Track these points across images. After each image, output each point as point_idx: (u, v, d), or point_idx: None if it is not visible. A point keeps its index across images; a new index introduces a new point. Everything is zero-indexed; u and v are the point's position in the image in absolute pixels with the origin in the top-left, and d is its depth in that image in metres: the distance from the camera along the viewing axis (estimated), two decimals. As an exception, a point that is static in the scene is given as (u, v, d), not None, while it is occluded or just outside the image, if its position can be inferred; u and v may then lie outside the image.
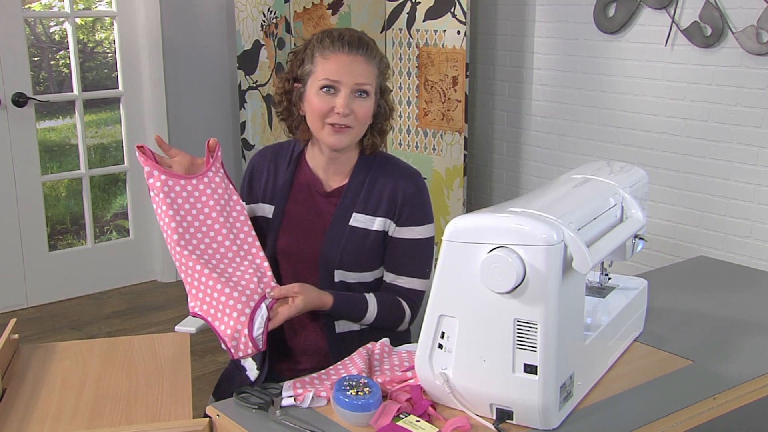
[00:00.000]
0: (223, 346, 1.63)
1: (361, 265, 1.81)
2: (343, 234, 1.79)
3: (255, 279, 1.67)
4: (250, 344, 1.60)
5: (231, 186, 1.80)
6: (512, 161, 4.06)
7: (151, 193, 1.72)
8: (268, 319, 1.63)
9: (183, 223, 1.71)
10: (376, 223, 1.80)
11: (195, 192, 1.74)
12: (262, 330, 1.61)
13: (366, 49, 1.76)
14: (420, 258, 1.83)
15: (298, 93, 1.81)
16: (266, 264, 1.73)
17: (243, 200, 1.89)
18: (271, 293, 1.67)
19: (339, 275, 1.79)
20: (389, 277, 1.84)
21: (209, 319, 1.64)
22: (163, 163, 1.75)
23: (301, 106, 1.81)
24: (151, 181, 1.71)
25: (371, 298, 1.79)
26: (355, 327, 1.82)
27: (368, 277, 1.83)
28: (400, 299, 1.82)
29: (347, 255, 1.79)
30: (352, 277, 1.81)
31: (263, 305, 1.64)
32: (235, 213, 1.78)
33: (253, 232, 1.77)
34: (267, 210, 1.87)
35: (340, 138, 1.75)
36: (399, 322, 1.82)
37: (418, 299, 1.84)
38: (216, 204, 1.75)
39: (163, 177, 1.71)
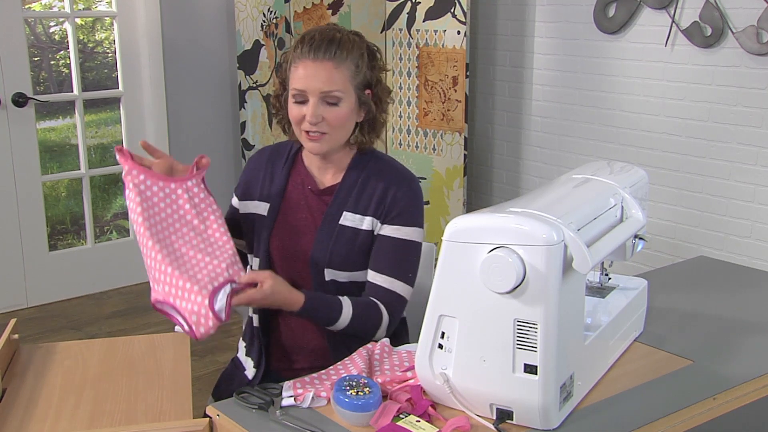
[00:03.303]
0: (185, 327, 1.59)
1: (351, 265, 1.79)
2: (333, 233, 1.78)
3: (223, 265, 1.64)
4: (211, 315, 1.55)
5: (211, 198, 1.78)
6: (512, 161, 4.06)
7: (126, 191, 1.71)
8: (231, 297, 1.60)
9: (156, 217, 1.69)
10: (365, 223, 1.78)
11: (172, 195, 1.73)
12: (225, 301, 1.57)
13: (335, 53, 1.70)
14: (404, 259, 1.78)
15: (285, 96, 1.80)
16: (238, 258, 1.70)
17: (239, 197, 1.89)
18: (241, 279, 1.63)
19: (329, 274, 1.77)
20: (370, 275, 1.78)
21: (170, 299, 1.60)
22: (142, 163, 1.74)
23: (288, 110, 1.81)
24: (128, 178, 1.71)
25: (346, 302, 1.73)
26: None
27: (360, 276, 1.80)
28: (378, 302, 1.76)
29: (337, 254, 1.77)
30: (342, 276, 1.79)
31: (228, 285, 1.61)
32: (212, 218, 1.75)
33: (229, 235, 1.74)
34: (262, 208, 1.87)
35: (316, 145, 1.74)
36: (374, 329, 1.76)
37: (398, 304, 1.78)
38: (191, 208, 1.74)
39: (141, 176, 1.70)
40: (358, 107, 1.76)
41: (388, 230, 1.78)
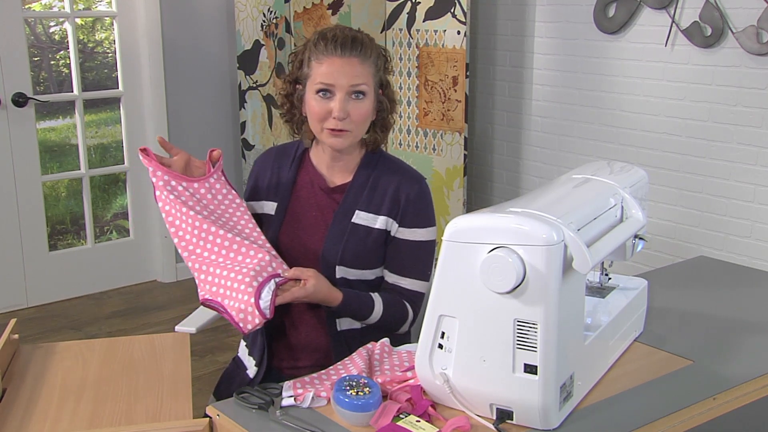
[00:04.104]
0: (233, 323, 1.64)
1: (363, 263, 1.81)
2: (345, 231, 1.80)
3: (267, 258, 1.69)
4: (257, 313, 1.60)
5: (233, 191, 1.83)
6: (512, 161, 4.06)
7: (156, 192, 1.75)
8: (276, 294, 1.64)
9: (189, 215, 1.73)
10: (379, 222, 1.80)
11: (196, 195, 1.77)
12: (269, 299, 1.62)
13: (360, 49, 1.75)
14: (422, 260, 1.84)
15: (299, 95, 1.82)
16: (274, 252, 1.75)
17: (246, 198, 1.91)
18: (286, 273, 1.69)
19: (340, 272, 1.79)
20: (391, 278, 1.84)
21: (219, 299, 1.65)
22: (162, 162, 1.77)
23: (303, 108, 1.82)
24: (154, 180, 1.75)
25: (377, 298, 1.79)
26: (357, 325, 1.83)
27: (369, 275, 1.83)
28: (404, 300, 1.82)
29: (349, 252, 1.79)
30: (353, 274, 1.81)
31: (272, 281, 1.65)
32: (239, 212, 1.80)
33: (259, 229, 1.79)
34: (269, 207, 1.88)
35: (338, 140, 1.76)
36: (402, 323, 1.83)
37: (419, 301, 1.85)
38: (218, 206, 1.78)
39: (165, 177, 1.74)
40: (374, 106, 1.80)
41: (406, 234, 1.81)
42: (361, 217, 1.80)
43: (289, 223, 1.85)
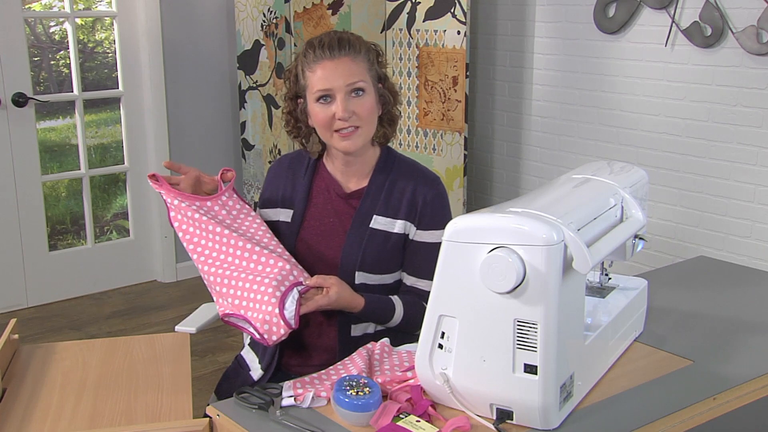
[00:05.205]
0: (256, 335, 1.64)
1: (382, 268, 1.81)
2: (364, 236, 1.80)
3: (288, 267, 1.69)
4: (282, 323, 1.61)
5: (247, 206, 1.84)
6: (512, 161, 4.06)
7: (171, 213, 1.77)
8: (300, 303, 1.65)
9: (205, 233, 1.75)
10: (397, 226, 1.81)
11: (210, 212, 1.79)
12: (294, 309, 1.63)
13: (348, 48, 1.76)
14: None
15: (301, 108, 1.83)
16: (294, 261, 1.76)
17: (260, 206, 1.92)
18: (308, 281, 1.69)
19: (360, 277, 1.80)
20: (410, 280, 1.84)
21: (241, 312, 1.66)
22: (172, 182, 1.79)
23: (308, 121, 1.83)
24: (168, 201, 1.77)
25: (397, 302, 1.80)
26: (370, 330, 1.83)
27: (388, 279, 1.84)
28: (422, 302, 1.82)
29: (369, 257, 1.79)
30: (372, 279, 1.81)
31: (295, 289, 1.66)
32: (255, 224, 1.82)
33: (276, 239, 1.80)
34: (285, 215, 1.88)
35: (351, 141, 1.77)
36: (421, 324, 1.82)
37: None
38: (233, 221, 1.80)
39: (177, 200, 1.76)
40: (377, 100, 1.80)
41: (425, 236, 1.82)
42: (379, 222, 1.81)
43: (306, 230, 1.86)
